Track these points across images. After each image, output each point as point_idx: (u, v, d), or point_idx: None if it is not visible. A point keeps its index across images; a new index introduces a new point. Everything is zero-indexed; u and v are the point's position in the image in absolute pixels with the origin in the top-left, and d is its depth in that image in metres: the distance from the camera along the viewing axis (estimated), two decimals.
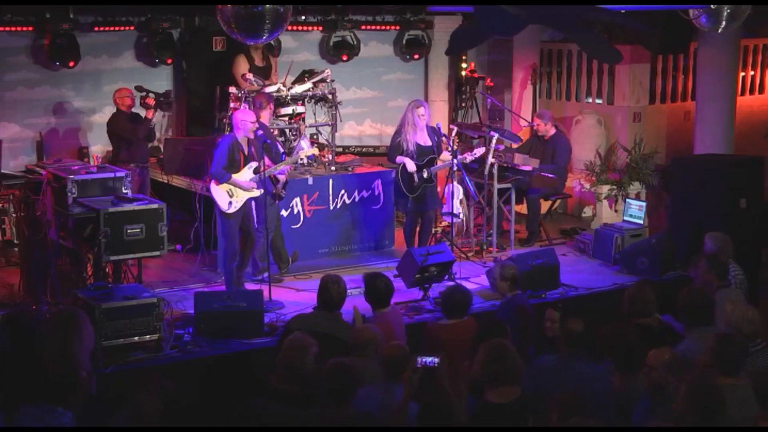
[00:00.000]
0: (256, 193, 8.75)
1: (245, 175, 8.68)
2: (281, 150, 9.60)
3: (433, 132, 9.86)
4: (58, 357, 5.47)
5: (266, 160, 9.00)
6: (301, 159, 9.88)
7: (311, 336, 6.24)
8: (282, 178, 9.28)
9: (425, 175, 9.66)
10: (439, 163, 9.83)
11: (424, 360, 5.03)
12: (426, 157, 9.69)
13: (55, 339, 5.59)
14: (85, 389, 5.19)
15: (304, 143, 10.52)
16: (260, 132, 8.76)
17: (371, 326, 6.05)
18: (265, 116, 9.65)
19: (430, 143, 9.76)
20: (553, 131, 11.34)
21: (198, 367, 7.33)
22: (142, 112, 10.25)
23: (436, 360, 5.05)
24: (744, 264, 7.97)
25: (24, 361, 5.98)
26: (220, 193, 8.64)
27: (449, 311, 6.79)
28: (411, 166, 9.58)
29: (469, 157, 9.90)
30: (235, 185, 8.62)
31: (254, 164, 8.67)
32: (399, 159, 9.68)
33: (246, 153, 8.69)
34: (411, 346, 5.78)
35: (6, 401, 5.12)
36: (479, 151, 10.01)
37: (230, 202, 8.65)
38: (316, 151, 9.57)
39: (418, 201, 9.76)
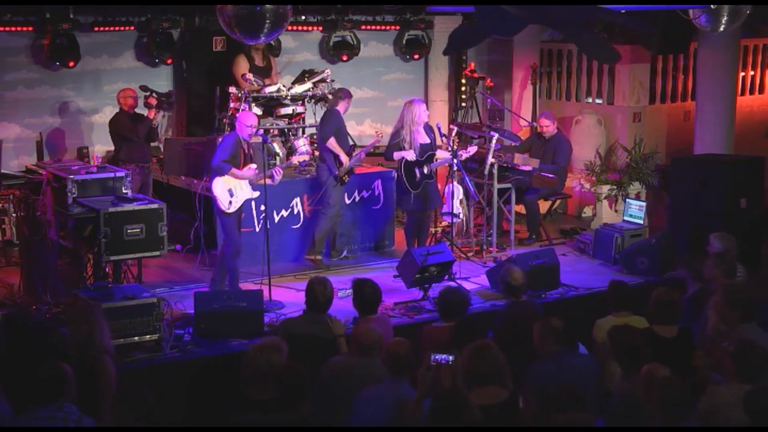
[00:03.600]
0: (255, 194, 8.80)
1: (245, 175, 8.73)
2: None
3: (429, 129, 9.89)
4: (84, 344, 5.59)
5: (342, 156, 9.54)
6: (298, 162, 9.93)
7: (298, 340, 6.26)
8: (345, 160, 9.57)
9: (425, 170, 9.69)
10: (436, 159, 9.86)
11: (437, 357, 5.02)
12: (425, 153, 9.71)
13: (81, 328, 5.67)
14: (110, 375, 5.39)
15: (302, 142, 10.55)
16: (261, 132, 8.81)
17: (375, 327, 6.05)
18: (342, 107, 9.76)
19: (428, 140, 9.78)
20: (555, 131, 11.35)
21: (198, 367, 7.33)
22: (145, 112, 10.26)
23: (450, 357, 5.02)
24: (744, 264, 7.96)
25: (24, 360, 5.98)
26: (222, 191, 8.66)
27: (444, 313, 6.77)
28: (411, 155, 9.60)
29: (464, 155, 9.91)
30: (237, 176, 8.65)
31: (254, 166, 8.71)
32: (397, 155, 9.69)
33: (246, 153, 8.75)
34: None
35: (13, 402, 5.13)
36: (473, 149, 10.04)
37: (230, 202, 8.70)
38: (306, 157, 9.61)
39: (421, 198, 9.77)
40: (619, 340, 5.71)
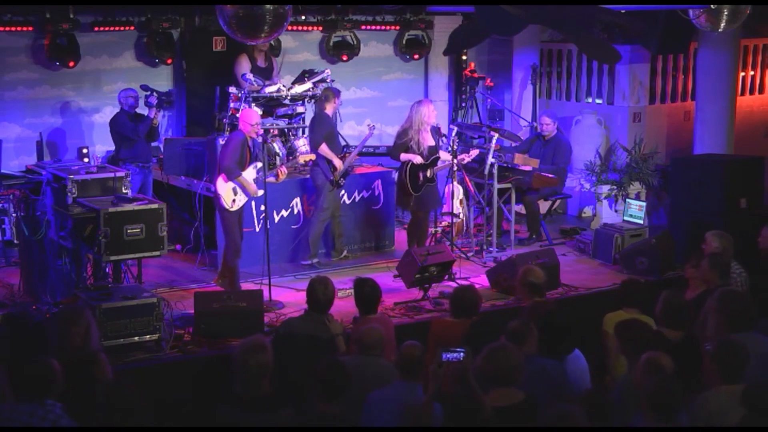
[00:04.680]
0: (260, 192, 8.81)
1: (250, 174, 8.75)
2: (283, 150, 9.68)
3: (435, 131, 9.86)
4: (79, 345, 5.58)
5: (335, 161, 9.56)
6: (301, 163, 9.92)
7: (299, 339, 6.25)
8: (338, 164, 9.59)
9: (429, 174, 9.68)
10: (440, 162, 9.84)
11: (448, 355, 5.00)
12: (431, 156, 9.70)
13: (75, 330, 5.64)
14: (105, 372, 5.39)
15: (302, 141, 10.55)
16: (261, 131, 8.83)
17: (377, 327, 6.05)
18: (330, 109, 9.75)
19: (433, 143, 9.77)
20: (555, 132, 11.36)
21: (198, 367, 7.32)
22: (145, 112, 10.26)
23: (461, 354, 5.01)
24: (744, 263, 7.96)
25: (24, 361, 5.97)
26: (225, 190, 8.69)
27: (456, 310, 6.76)
28: (418, 159, 9.60)
29: (466, 159, 9.91)
30: (242, 183, 8.68)
31: (259, 164, 8.73)
32: (404, 156, 9.66)
33: (252, 151, 8.77)
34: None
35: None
36: (474, 153, 10.03)
37: (234, 200, 8.73)
38: (313, 156, 9.62)
39: (422, 200, 9.76)
40: (626, 335, 5.73)
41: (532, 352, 5.76)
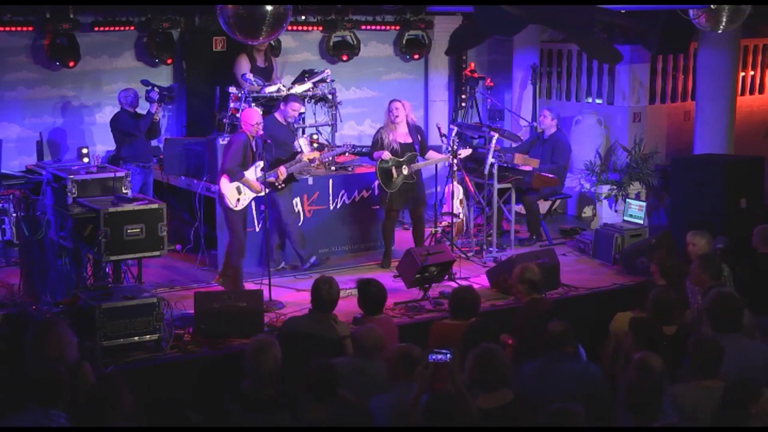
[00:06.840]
0: (262, 192, 8.82)
1: (251, 173, 8.77)
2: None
3: (416, 130, 9.93)
4: (55, 358, 5.46)
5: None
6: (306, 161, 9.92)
7: (302, 338, 6.25)
8: (281, 171, 9.41)
9: (405, 171, 9.67)
10: (426, 161, 9.87)
11: (434, 357, 5.02)
12: (405, 153, 9.71)
13: (36, 348, 5.55)
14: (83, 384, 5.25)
15: (302, 142, 10.53)
16: (260, 132, 8.83)
17: (376, 328, 6.04)
18: (281, 115, 9.66)
19: (410, 141, 9.79)
20: (554, 129, 11.35)
21: (198, 368, 7.32)
22: (146, 107, 10.26)
23: (448, 356, 5.02)
24: (744, 263, 7.97)
25: (23, 362, 5.96)
26: (230, 189, 8.69)
27: (455, 311, 6.76)
28: (387, 154, 9.65)
29: (462, 154, 9.92)
30: (247, 183, 8.69)
31: (260, 163, 8.74)
32: (376, 154, 9.78)
33: (254, 151, 8.78)
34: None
35: (5, 403, 5.09)
36: (466, 152, 10.04)
37: (238, 199, 8.75)
38: (317, 154, 9.60)
39: (397, 197, 9.77)
40: (641, 331, 5.83)
41: (572, 353, 5.80)
